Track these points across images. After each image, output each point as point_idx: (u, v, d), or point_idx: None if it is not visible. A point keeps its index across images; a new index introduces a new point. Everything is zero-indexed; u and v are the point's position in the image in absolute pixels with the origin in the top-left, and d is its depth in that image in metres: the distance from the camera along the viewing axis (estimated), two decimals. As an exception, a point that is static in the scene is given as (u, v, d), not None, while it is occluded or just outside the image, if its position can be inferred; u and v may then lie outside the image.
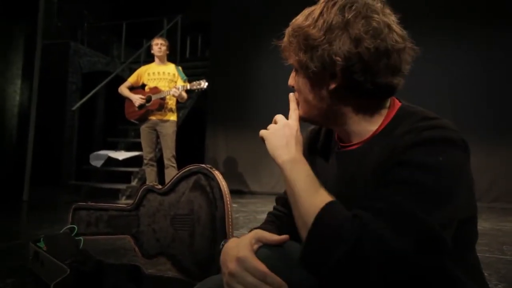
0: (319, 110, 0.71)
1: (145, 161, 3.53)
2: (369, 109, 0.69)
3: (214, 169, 1.22)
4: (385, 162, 0.60)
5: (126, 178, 4.48)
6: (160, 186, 1.39)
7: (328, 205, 0.56)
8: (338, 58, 0.62)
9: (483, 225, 3.07)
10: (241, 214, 3.27)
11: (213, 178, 1.19)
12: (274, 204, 0.88)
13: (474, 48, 4.41)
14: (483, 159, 4.05)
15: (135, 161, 4.52)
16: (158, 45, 3.46)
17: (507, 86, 4.28)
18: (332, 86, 0.66)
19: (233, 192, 5.13)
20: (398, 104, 0.71)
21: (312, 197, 0.59)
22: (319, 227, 0.55)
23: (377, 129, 0.68)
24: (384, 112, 0.69)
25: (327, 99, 0.69)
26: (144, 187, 1.43)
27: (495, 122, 4.28)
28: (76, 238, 1.59)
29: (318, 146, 0.82)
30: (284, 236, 0.68)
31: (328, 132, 0.82)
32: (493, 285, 1.56)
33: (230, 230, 1.14)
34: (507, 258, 2.05)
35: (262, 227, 0.82)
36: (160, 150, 3.61)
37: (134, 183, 4.44)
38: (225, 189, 1.17)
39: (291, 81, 0.76)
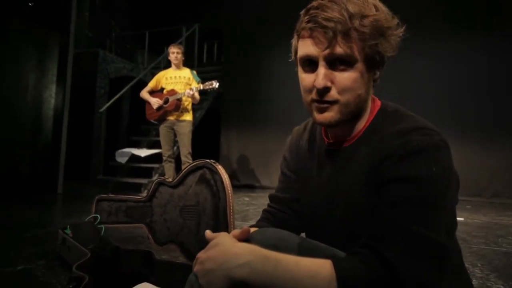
0: (362, 103, 0.65)
1: (164, 158, 3.60)
2: (369, 101, 0.68)
3: (217, 163, 1.24)
4: (377, 167, 0.59)
5: (147, 173, 4.58)
6: (170, 180, 1.42)
7: (338, 273, 0.50)
8: (395, 46, 0.63)
9: (481, 219, 2.98)
10: (252, 207, 3.29)
11: (216, 172, 1.21)
12: (268, 201, 0.87)
13: (474, 46, 4.25)
14: (483, 155, 3.92)
15: (156, 158, 4.61)
16: (175, 54, 3.51)
17: (507, 82, 4.12)
18: (377, 75, 0.65)
19: (245, 187, 5.15)
20: (378, 101, 0.70)
21: (311, 273, 0.51)
22: None
23: (364, 126, 0.67)
24: (369, 108, 0.68)
25: (370, 90, 0.66)
26: (156, 180, 1.47)
27: (495, 118, 4.11)
28: (98, 226, 1.65)
29: (303, 144, 0.81)
30: (244, 228, 0.63)
31: (312, 129, 0.81)
32: (484, 275, 1.53)
33: (231, 220, 1.16)
34: (501, 250, 1.99)
35: (257, 224, 0.83)
36: (178, 147, 3.67)
37: (154, 178, 4.53)
38: (227, 182, 1.19)
39: (324, 81, 0.60)
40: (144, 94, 3.61)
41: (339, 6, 0.58)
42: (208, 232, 0.63)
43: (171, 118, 3.48)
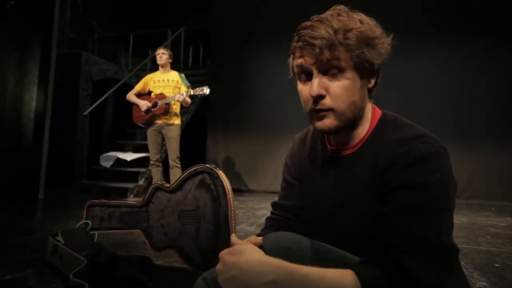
0: (358, 110, 0.68)
1: (151, 162, 3.55)
2: (368, 109, 0.71)
3: (217, 168, 1.25)
4: (381, 174, 0.62)
5: (133, 177, 4.49)
6: (168, 185, 1.41)
7: (362, 283, 0.52)
8: (385, 54, 0.66)
9: (461, 219, 3.12)
10: (241, 211, 3.29)
11: (217, 177, 1.22)
12: (271, 209, 0.88)
13: (450, 53, 4.44)
14: (461, 159, 4.11)
15: (142, 162, 4.53)
16: (159, 54, 3.49)
17: (482, 89, 4.33)
18: (372, 84, 0.68)
19: (232, 191, 5.16)
20: (379, 110, 0.73)
21: (337, 285, 0.53)
22: None
23: (366, 134, 0.70)
24: (370, 115, 0.71)
25: (366, 98, 0.69)
26: (153, 185, 1.46)
27: (472, 125, 4.33)
28: (91, 232, 1.61)
29: (305, 151, 0.82)
30: (256, 239, 0.65)
31: (313, 136, 0.82)
32: (469, 273, 1.60)
33: (233, 225, 1.16)
34: (481, 248, 2.09)
35: (262, 233, 0.82)
36: (166, 151, 3.63)
37: (141, 182, 4.44)
38: (228, 187, 1.19)
39: (320, 88, 0.64)
40: (131, 96, 3.54)
41: (324, 24, 0.63)
42: (234, 237, 0.65)
43: (159, 121, 3.44)
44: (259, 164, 5.01)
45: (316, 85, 0.64)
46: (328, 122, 0.66)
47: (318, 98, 0.64)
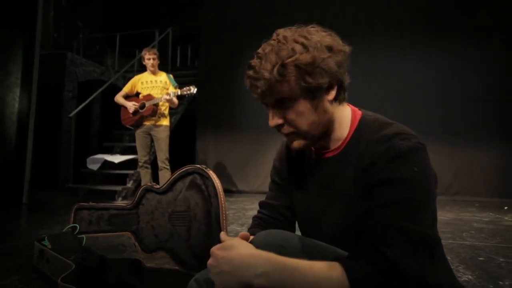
0: (323, 124, 0.70)
1: (140, 164, 3.50)
2: (343, 113, 0.73)
3: (208, 169, 1.24)
4: (365, 172, 0.64)
5: (121, 180, 4.41)
6: (158, 186, 1.40)
7: (348, 273, 0.54)
8: (334, 68, 0.66)
9: (447, 215, 3.19)
10: (231, 211, 3.29)
11: (208, 177, 1.22)
12: (258, 208, 0.89)
13: (430, 54, 4.54)
14: (447, 157, 4.22)
15: (130, 164, 4.47)
16: (151, 60, 3.43)
17: (465, 91, 4.46)
18: (332, 95, 0.69)
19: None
20: (359, 111, 0.75)
21: (325, 276, 0.54)
22: None
23: (348, 135, 0.72)
24: (349, 118, 0.73)
25: (329, 109, 0.70)
26: (143, 187, 1.44)
27: (457, 125, 4.45)
28: (78, 236, 1.58)
29: (292, 153, 0.84)
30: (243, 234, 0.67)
31: None
32: (454, 267, 1.64)
33: (224, 224, 1.16)
34: (466, 243, 2.15)
35: (250, 231, 0.83)
36: (154, 153, 3.59)
37: (129, 184, 4.38)
38: (219, 187, 1.19)
39: (276, 120, 0.68)
40: (119, 98, 3.49)
41: (263, 60, 0.65)
42: (223, 234, 0.65)
43: (147, 123, 3.40)
44: (249, 165, 5.01)
45: (271, 118, 0.69)
46: (297, 143, 0.70)
47: (278, 127, 0.69)
